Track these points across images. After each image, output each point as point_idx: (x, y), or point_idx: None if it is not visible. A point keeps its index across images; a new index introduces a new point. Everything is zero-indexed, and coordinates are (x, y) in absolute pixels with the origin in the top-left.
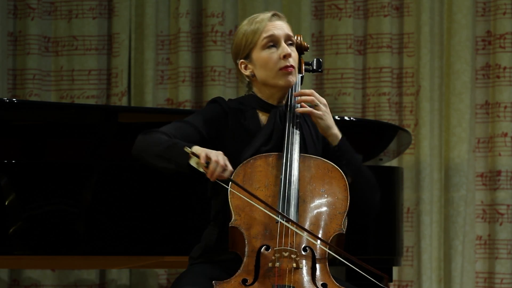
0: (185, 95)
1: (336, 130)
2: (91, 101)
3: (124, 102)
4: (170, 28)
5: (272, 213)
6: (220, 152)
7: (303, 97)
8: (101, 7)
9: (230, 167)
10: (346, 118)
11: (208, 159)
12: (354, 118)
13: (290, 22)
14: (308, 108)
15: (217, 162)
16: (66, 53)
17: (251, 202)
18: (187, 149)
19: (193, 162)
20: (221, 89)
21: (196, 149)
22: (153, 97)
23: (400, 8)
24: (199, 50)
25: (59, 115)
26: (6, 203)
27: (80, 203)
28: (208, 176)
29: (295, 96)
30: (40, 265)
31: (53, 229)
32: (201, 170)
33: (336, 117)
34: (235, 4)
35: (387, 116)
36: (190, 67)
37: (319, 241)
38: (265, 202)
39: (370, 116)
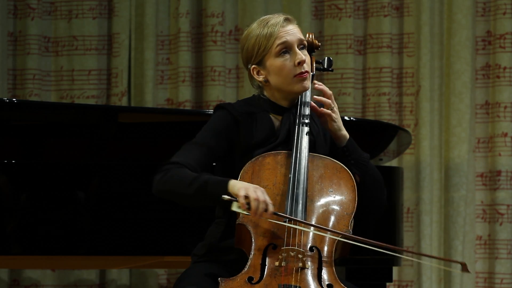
0: (185, 95)
1: (344, 132)
2: (91, 101)
3: (124, 102)
4: (170, 28)
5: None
6: (257, 186)
7: (323, 99)
8: (101, 7)
9: (269, 200)
10: (346, 118)
11: (247, 199)
12: (354, 118)
13: None
14: (328, 110)
15: (257, 200)
16: (66, 53)
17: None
18: (225, 197)
19: (235, 207)
20: (221, 89)
21: (232, 187)
22: (153, 97)
23: (400, 8)
24: (199, 50)
25: (59, 115)
26: (6, 203)
27: (80, 203)
28: (253, 216)
29: (314, 98)
30: (40, 265)
31: (53, 229)
32: (245, 212)
33: None
34: (235, 4)
35: (387, 116)
36: (190, 67)
37: (328, 233)
38: (289, 217)
39: (370, 116)
